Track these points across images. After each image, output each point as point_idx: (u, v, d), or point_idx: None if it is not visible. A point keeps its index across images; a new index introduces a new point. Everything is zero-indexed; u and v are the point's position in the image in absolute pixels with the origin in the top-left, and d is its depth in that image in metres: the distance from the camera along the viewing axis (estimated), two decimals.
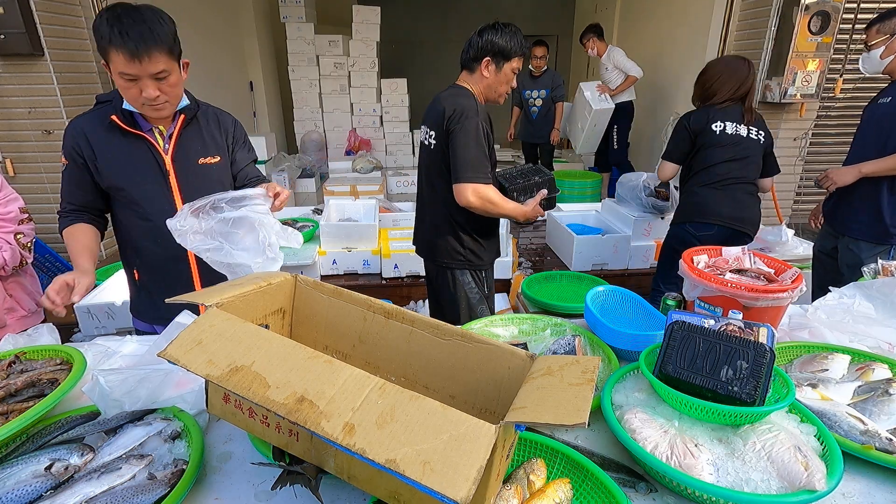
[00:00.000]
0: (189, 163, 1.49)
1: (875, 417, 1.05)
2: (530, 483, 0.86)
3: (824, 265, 2.48)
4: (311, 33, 6.17)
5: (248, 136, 1.67)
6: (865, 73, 2.25)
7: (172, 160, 1.47)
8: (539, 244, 3.98)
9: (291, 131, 6.81)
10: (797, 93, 3.70)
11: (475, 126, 1.72)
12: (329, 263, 3.22)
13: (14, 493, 0.82)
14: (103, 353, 1.31)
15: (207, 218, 1.25)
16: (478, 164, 1.73)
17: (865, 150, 2.18)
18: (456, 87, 1.85)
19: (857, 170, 2.14)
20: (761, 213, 2.48)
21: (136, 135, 1.42)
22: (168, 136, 1.46)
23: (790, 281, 1.32)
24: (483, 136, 1.75)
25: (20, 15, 2.89)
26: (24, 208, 1.81)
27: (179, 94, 1.40)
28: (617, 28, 7.03)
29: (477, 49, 1.79)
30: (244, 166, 1.62)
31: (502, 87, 1.85)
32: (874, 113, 2.20)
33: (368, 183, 4.98)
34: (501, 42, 1.75)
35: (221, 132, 1.56)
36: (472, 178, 1.72)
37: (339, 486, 0.92)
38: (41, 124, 3.23)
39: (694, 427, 0.97)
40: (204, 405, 0.94)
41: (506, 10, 9.44)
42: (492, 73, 1.80)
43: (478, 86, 1.84)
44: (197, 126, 1.51)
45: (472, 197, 1.73)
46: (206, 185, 1.49)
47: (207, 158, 1.52)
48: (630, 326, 1.46)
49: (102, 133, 1.42)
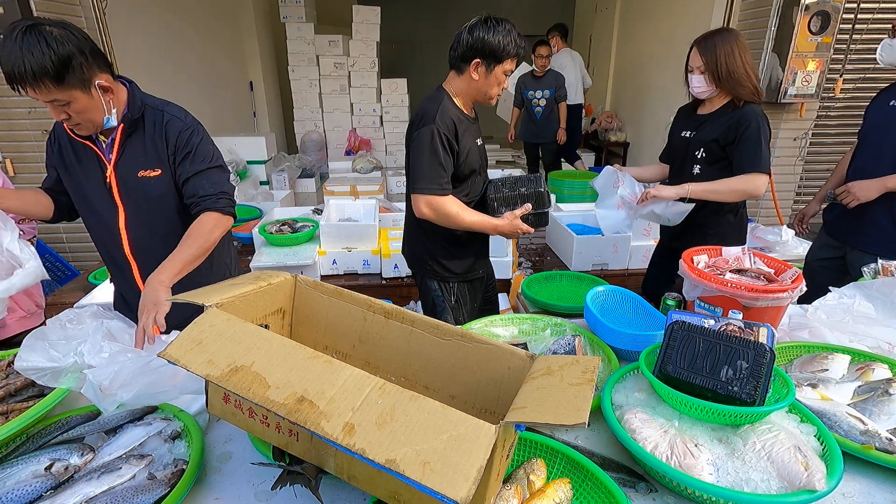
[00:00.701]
0: (130, 175, 1.42)
1: (875, 417, 1.05)
2: (530, 483, 0.86)
3: (818, 274, 2.30)
4: (311, 33, 6.17)
5: (203, 144, 1.48)
6: (881, 63, 2.07)
7: (115, 171, 1.41)
8: (539, 244, 3.98)
9: (291, 131, 6.81)
10: (797, 93, 3.70)
11: (429, 134, 1.60)
12: (329, 263, 3.22)
13: (14, 493, 0.82)
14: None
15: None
16: (431, 174, 1.62)
17: (880, 160, 2.03)
18: (435, 91, 1.73)
19: (882, 184, 1.98)
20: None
21: (83, 143, 1.40)
22: (108, 147, 1.40)
23: (790, 281, 1.32)
24: (440, 143, 1.61)
25: (20, 15, 2.89)
26: None
27: (94, 118, 1.31)
28: (617, 28, 7.02)
29: (466, 48, 1.61)
30: (186, 178, 1.45)
31: (493, 90, 1.69)
32: (888, 115, 2.02)
33: (368, 183, 4.97)
34: (493, 42, 1.58)
35: (164, 143, 1.43)
36: (423, 189, 1.64)
37: (339, 486, 0.92)
38: (41, 124, 3.23)
39: (694, 427, 0.97)
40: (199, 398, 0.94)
41: (506, 9, 9.43)
42: (481, 75, 1.64)
43: (465, 87, 1.69)
44: (141, 135, 1.42)
45: (424, 209, 1.66)
46: (148, 199, 1.44)
47: (148, 171, 1.42)
48: (630, 326, 1.46)
49: (66, 137, 1.42)
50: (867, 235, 2.12)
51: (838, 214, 2.21)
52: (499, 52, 1.59)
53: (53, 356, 1.06)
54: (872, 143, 2.10)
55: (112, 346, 1.12)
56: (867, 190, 2.01)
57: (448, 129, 1.63)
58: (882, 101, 2.10)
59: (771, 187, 3.91)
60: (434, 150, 1.61)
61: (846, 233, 2.21)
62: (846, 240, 2.21)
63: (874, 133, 2.10)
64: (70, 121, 1.28)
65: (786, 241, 2.97)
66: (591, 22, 7.90)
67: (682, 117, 2.13)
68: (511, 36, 1.60)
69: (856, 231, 2.15)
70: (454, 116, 1.66)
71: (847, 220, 2.17)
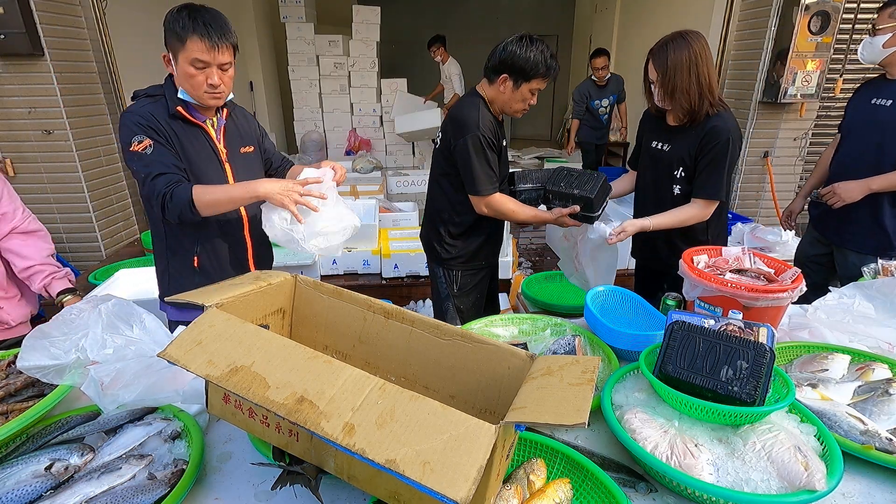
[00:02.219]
0: (235, 151, 1.62)
1: (875, 417, 1.05)
2: (530, 483, 0.86)
3: (812, 272, 2.29)
4: (311, 33, 6.17)
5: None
6: (863, 62, 2.09)
7: (225, 149, 1.59)
8: (539, 244, 3.98)
9: (291, 131, 6.81)
10: (797, 93, 3.70)
11: (477, 141, 1.74)
12: (329, 263, 3.22)
13: (14, 493, 0.82)
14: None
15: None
16: (483, 178, 1.78)
17: (861, 157, 2.06)
18: (471, 97, 1.83)
19: (866, 185, 2.01)
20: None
21: (196, 125, 1.52)
22: (219, 127, 1.58)
23: (790, 281, 1.32)
24: (485, 147, 1.75)
25: (20, 15, 2.89)
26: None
27: (231, 87, 1.52)
28: (617, 28, 7.01)
29: (497, 61, 1.71)
30: (272, 154, 1.80)
31: (517, 105, 1.77)
32: (871, 114, 2.05)
33: (368, 183, 4.97)
34: (522, 61, 1.66)
35: (250, 125, 1.71)
36: (479, 192, 1.80)
37: (339, 486, 0.92)
38: (41, 124, 3.23)
39: (694, 427, 0.97)
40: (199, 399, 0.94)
41: (506, 9, 9.44)
42: (508, 89, 1.73)
43: (494, 97, 1.79)
44: (233, 120, 1.64)
45: (484, 208, 1.85)
46: (249, 172, 1.64)
47: (247, 148, 1.66)
48: (630, 326, 1.46)
49: (167, 120, 1.49)
50: (852, 234, 2.15)
51: (824, 211, 2.24)
52: (527, 70, 1.68)
53: (55, 353, 1.06)
54: (855, 139, 2.14)
55: (115, 338, 1.11)
56: (852, 191, 2.04)
57: (491, 132, 1.77)
58: (864, 97, 2.13)
59: (771, 187, 3.92)
60: (483, 154, 1.76)
61: (832, 232, 2.24)
62: (832, 238, 2.25)
63: (856, 130, 2.14)
64: (219, 87, 1.45)
65: (786, 241, 2.97)
66: (591, 22, 7.89)
67: (652, 125, 1.93)
68: (543, 56, 1.67)
69: (840, 230, 2.19)
70: (490, 120, 1.78)
71: (833, 218, 2.20)
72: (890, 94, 2.03)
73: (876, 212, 2.07)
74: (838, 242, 2.21)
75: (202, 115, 1.54)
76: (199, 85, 1.43)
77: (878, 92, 2.07)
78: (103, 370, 1.02)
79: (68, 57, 3.25)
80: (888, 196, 2.04)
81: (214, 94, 1.46)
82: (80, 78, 3.34)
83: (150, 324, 1.21)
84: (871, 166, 2.03)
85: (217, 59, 1.41)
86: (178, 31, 1.37)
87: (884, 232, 2.07)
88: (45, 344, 1.07)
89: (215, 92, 1.45)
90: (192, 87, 1.44)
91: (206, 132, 1.54)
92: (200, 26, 1.36)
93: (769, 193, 3.97)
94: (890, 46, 1.95)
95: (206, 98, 1.46)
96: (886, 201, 2.05)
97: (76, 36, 3.32)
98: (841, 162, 2.19)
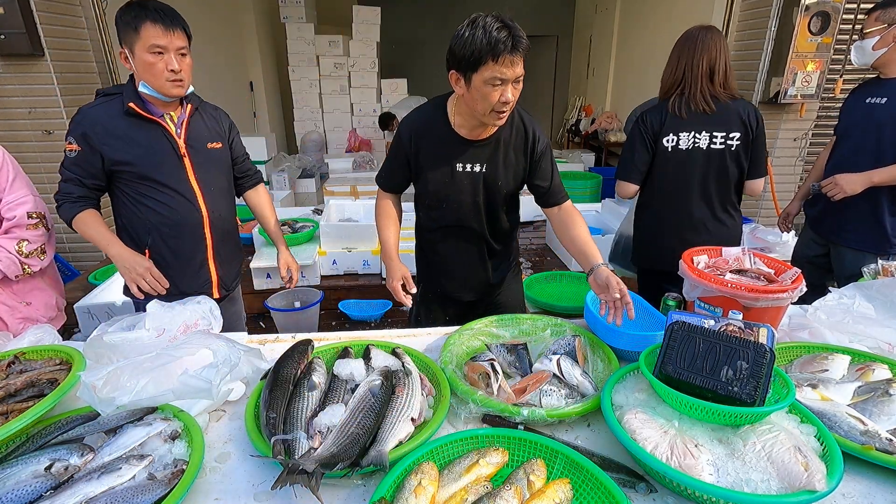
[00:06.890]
0: (200, 146, 1.65)
1: (875, 418, 1.05)
2: (530, 483, 0.86)
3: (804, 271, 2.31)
4: (311, 33, 6.17)
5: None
6: (855, 64, 2.12)
7: (185, 144, 1.61)
8: (539, 244, 3.98)
9: (291, 131, 6.81)
10: (797, 93, 3.70)
11: (394, 138, 1.60)
12: (329, 263, 3.22)
13: (14, 493, 0.82)
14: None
15: None
16: (382, 172, 1.70)
17: (859, 157, 2.07)
18: (439, 97, 1.58)
19: (867, 178, 2.00)
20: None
21: (151, 120, 1.54)
22: (179, 122, 1.60)
23: (790, 281, 1.32)
24: (397, 145, 1.57)
25: (20, 15, 2.89)
26: (34, 212, 1.66)
27: (191, 77, 1.54)
28: (617, 28, 7.02)
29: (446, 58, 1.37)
30: (240, 155, 1.84)
31: (478, 105, 1.35)
32: (867, 113, 2.08)
33: (368, 183, 4.97)
34: (461, 47, 1.28)
35: (219, 123, 1.74)
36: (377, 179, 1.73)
37: (339, 486, 0.92)
38: (41, 124, 3.23)
39: (694, 427, 0.97)
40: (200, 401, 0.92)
41: (506, 9, 9.41)
42: (462, 88, 1.36)
43: (460, 103, 1.45)
44: (200, 116, 1.67)
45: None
46: (215, 167, 1.71)
47: (214, 143, 1.69)
48: (630, 326, 1.46)
49: (116, 120, 1.52)
50: (850, 231, 2.15)
51: (821, 210, 2.24)
52: (469, 57, 1.27)
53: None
54: (851, 139, 2.15)
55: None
56: (853, 183, 2.02)
57: (407, 134, 1.54)
58: (858, 98, 2.15)
59: (771, 188, 3.92)
60: (389, 152, 1.65)
61: (829, 230, 2.23)
62: (829, 237, 2.24)
63: (852, 130, 2.14)
64: (180, 73, 1.47)
65: (786, 241, 2.97)
66: (591, 22, 7.90)
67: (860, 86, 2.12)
68: (485, 33, 1.24)
69: (839, 228, 2.19)
70: (423, 125, 1.52)
71: (830, 216, 2.20)
72: (885, 92, 2.05)
73: (874, 209, 2.07)
74: (836, 240, 2.21)
75: (159, 110, 1.56)
76: (160, 73, 1.45)
77: (873, 92, 2.10)
78: (93, 374, 1.02)
79: (68, 57, 3.25)
80: (886, 193, 2.05)
81: (176, 80, 1.48)
82: (80, 78, 3.35)
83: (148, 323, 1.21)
84: (869, 164, 2.04)
85: (174, 42, 1.44)
86: (130, 22, 1.41)
87: (882, 229, 2.08)
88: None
89: (176, 78, 1.47)
90: (153, 77, 1.46)
91: (163, 127, 1.56)
92: (152, 13, 1.41)
93: (769, 193, 3.97)
94: (879, 48, 2.00)
95: (168, 87, 1.48)
96: (885, 198, 2.06)
97: (76, 36, 3.32)
98: (837, 163, 2.19)
